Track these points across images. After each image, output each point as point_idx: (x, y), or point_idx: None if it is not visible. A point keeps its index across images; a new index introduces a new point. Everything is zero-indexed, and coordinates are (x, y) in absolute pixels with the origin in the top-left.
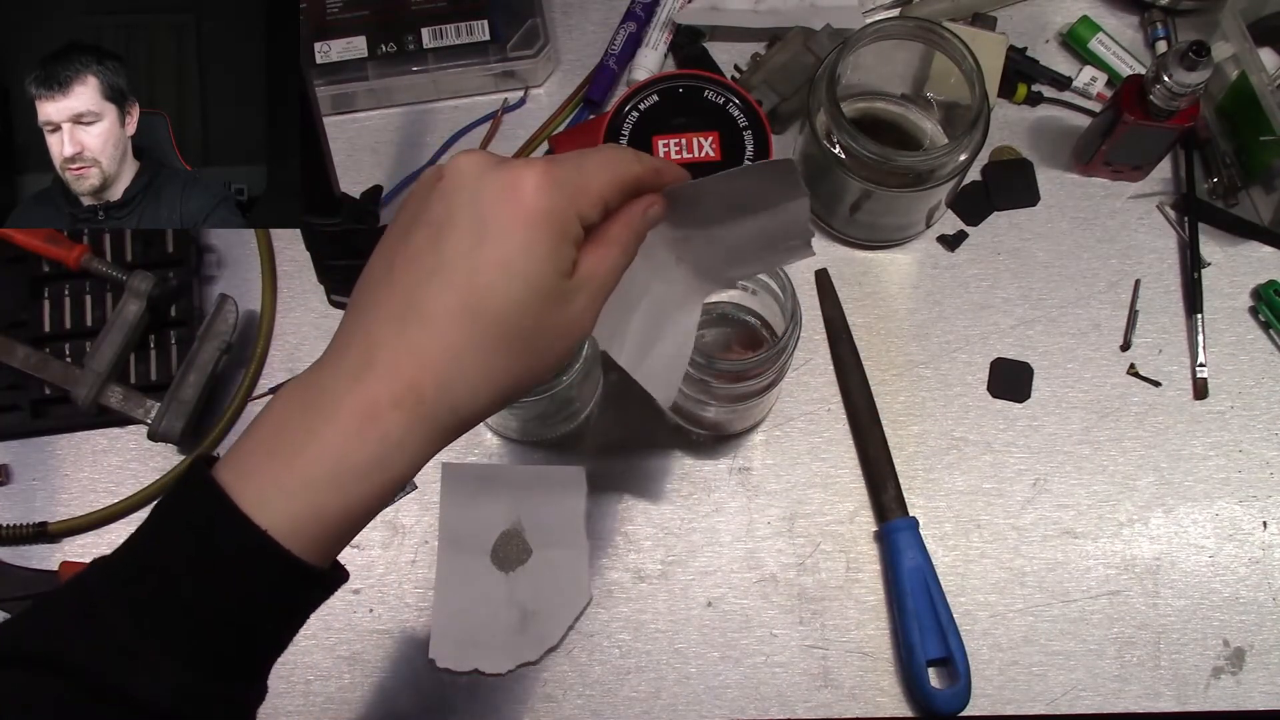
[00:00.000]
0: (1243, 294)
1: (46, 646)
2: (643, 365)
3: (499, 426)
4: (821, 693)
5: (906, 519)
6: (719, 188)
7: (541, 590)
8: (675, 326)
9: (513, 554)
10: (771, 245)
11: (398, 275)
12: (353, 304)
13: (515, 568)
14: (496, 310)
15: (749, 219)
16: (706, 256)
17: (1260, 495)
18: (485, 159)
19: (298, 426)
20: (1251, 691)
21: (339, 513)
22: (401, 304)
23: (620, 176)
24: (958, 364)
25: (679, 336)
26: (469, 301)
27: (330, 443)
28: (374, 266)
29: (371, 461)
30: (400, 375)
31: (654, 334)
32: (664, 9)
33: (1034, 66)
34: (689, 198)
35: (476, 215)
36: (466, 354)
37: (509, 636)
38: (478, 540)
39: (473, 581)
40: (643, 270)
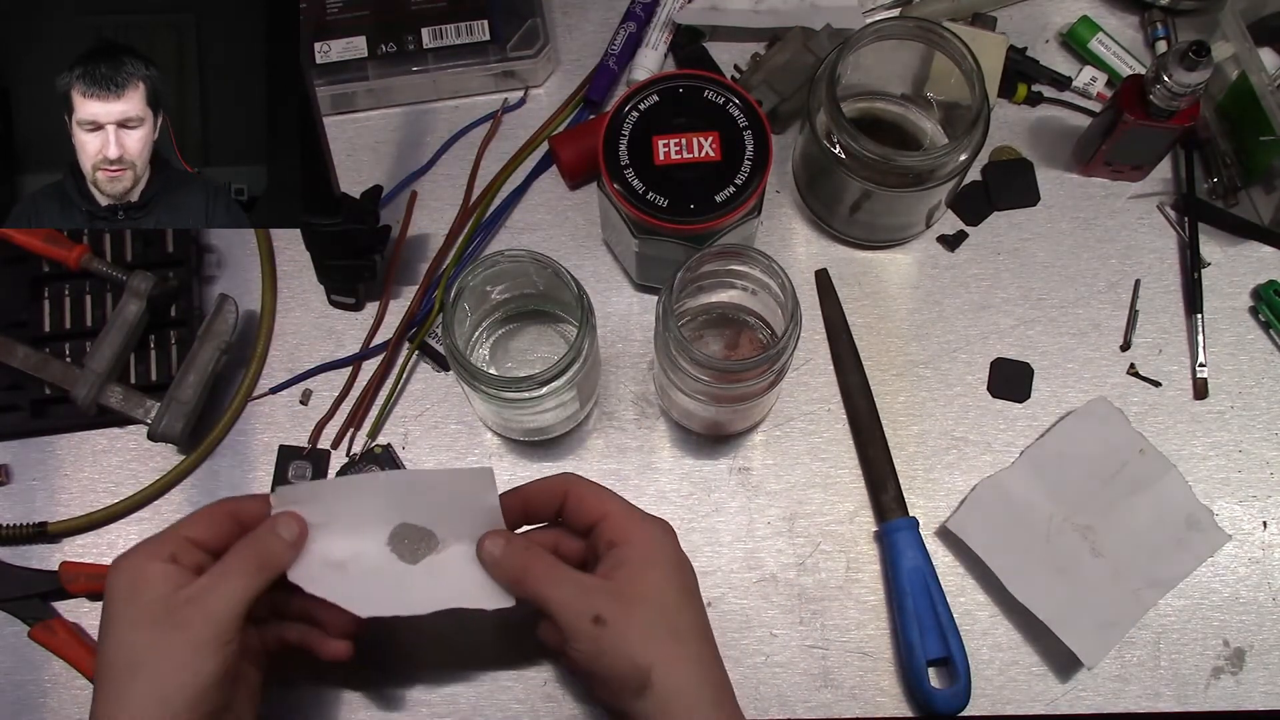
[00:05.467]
0: (1243, 294)
1: None
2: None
3: (499, 427)
4: (821, 693)
5: (906, 519)
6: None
7: (457, 582)
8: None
9: (416, 545)
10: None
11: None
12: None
13: (422, 557)
14: (110, 643)
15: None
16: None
17: (1260, 495)
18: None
19: None
20: (1251, 691)
21: None
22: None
23: (206, 514)
24: (958, 364)
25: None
26: (99, 652)
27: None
28: None
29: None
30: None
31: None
32: (664, 9)
33: (1034, 66)
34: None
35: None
36: (106, 690)
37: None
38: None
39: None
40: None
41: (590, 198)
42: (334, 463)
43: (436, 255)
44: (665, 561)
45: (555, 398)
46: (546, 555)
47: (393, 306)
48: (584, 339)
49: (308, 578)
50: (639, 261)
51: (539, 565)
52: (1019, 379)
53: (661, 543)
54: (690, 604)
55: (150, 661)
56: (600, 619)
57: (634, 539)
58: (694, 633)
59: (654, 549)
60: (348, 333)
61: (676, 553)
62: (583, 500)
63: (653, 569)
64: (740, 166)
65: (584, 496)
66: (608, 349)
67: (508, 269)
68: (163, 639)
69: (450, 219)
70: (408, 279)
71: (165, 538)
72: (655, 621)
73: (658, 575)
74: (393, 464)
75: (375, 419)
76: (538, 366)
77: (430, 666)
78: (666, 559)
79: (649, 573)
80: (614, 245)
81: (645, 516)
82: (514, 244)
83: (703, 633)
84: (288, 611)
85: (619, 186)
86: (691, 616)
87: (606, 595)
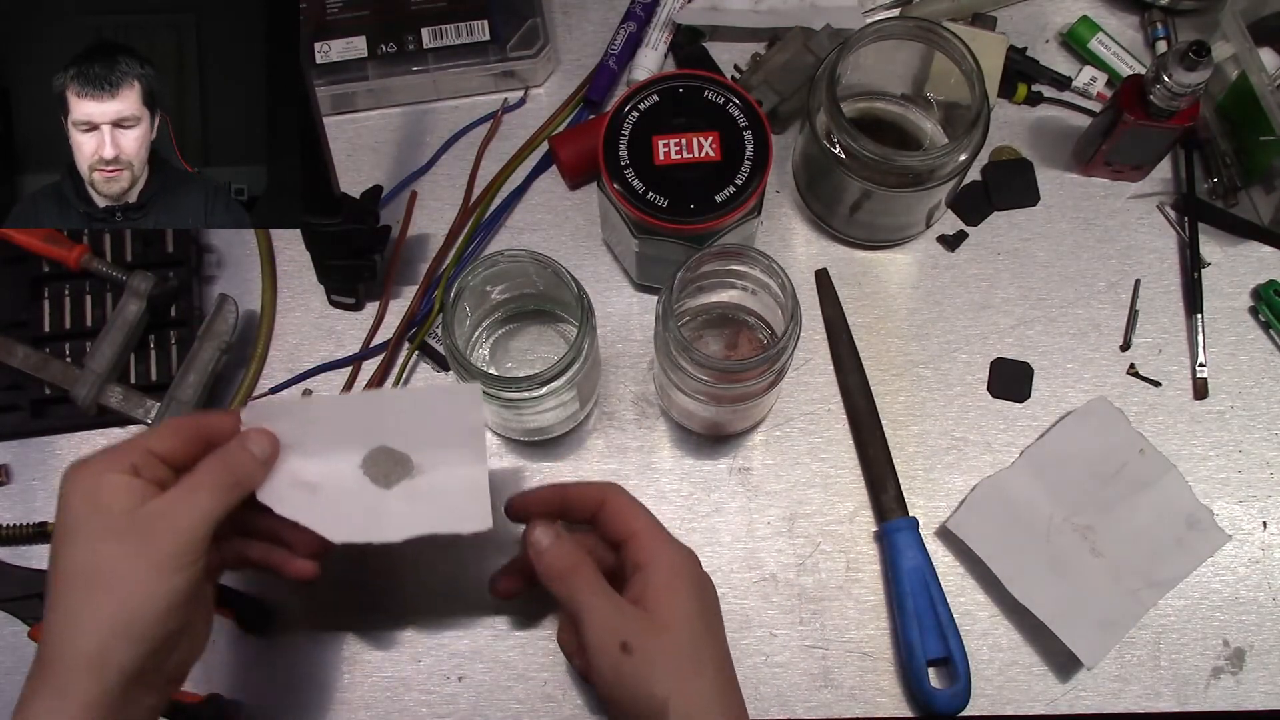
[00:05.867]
0: (1243, 294)
1: None
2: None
3: (499, 427)
4: (821, 693)
5: (906, 519)
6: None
7: (433, 506)
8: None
9: (390, 468)
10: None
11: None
12: None
13: (396, 482)
14: (68, 555)
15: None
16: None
17: (1260, 495)
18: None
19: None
20: (1251, 691)
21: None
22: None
23: (171, 427)
24: (958, 364)
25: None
26: (54, 562)
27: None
28: None
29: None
30: (38, 658)
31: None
32: (664, 9)
33: (1034, 66)
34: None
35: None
36: (63, 603)
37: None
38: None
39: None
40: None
41: (590, 198)
42: None
43: (436, 255)
44: (689, 588)
45: (555, 398)
46: (592, 564)
47: (393, 306)
48: (584, 339)
49: (277, 498)
50: (639, 261)
51: (585, 571)
52: (1019, 379)
53: (685, 568)
54: (711, 632)
55: (112, 577)
56: (627, 646)
57: (659, 562)
58: (714, 663)
59: (678, 575)
60: (348, 333)
61: (700, 577)
62: (617, 514)
63: (677, 596)
64: (740, 166)
65: (619, 511)
66: (608, 349)
67: (508, 269)
68: (127, 554)
69: (450, 219)
70: (408, 279)
71: (127, 448)
72: (677, 653)
73: (682, 602)
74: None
75: None
76: (538, 366)
77: (430, 666)
78: (690, 585)
79: (674, 600)
80: (614, 245)
81: (670, 540)
82: (514, 244)
83: (722, 662)
84: (252, 529)
85: (619, 186)
86: (712, 646)
87: (636, 623)
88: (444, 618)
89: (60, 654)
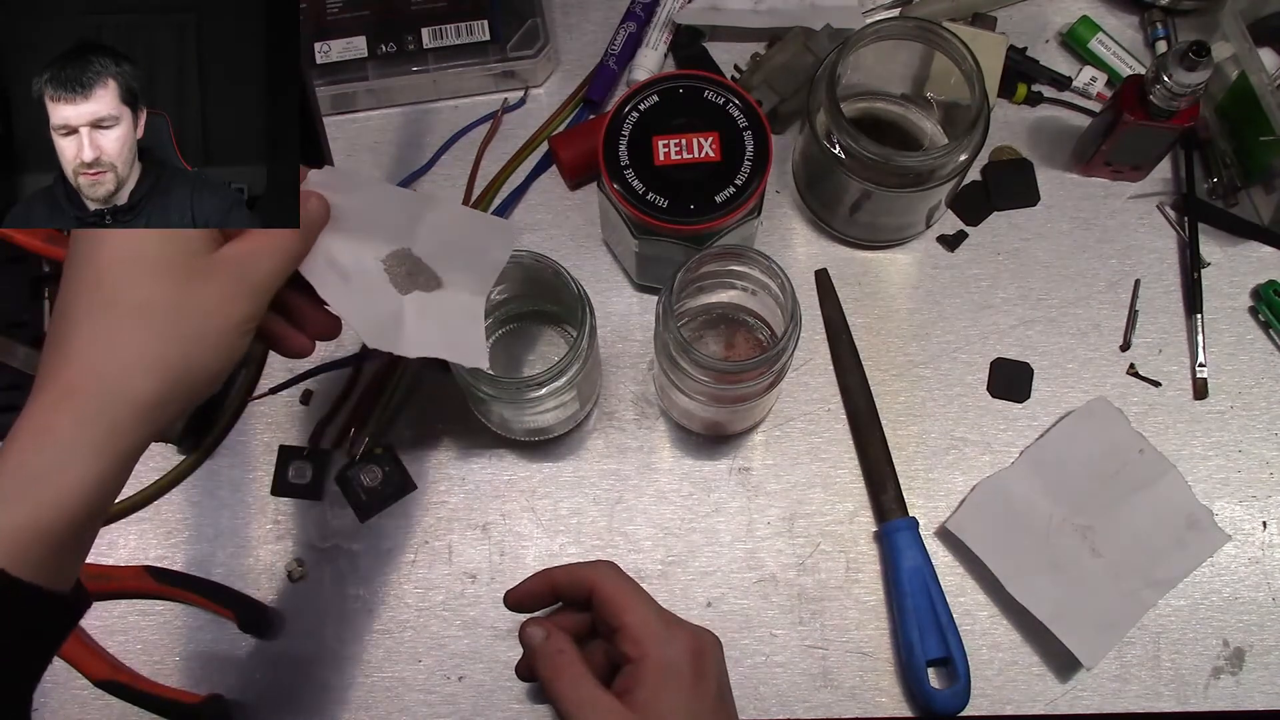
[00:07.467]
0: (1243, 294)
1: None
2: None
3: (499, 427)
4: (821, 693)
5: (906, 519)
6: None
7: (437, 328)
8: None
9: (411, 273)
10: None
11: (59, 305)
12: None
13: (410, 290)
14: (126, 293)
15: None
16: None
17: (1260, 495)
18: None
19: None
20: (1251, 691)
21: (30, 523)
22: (57, 325)
23: None
24: (958, 364)
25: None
26: (101, 293)
27: (10, 458)
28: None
29: (49, 464)
30: (58, 380)
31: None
32: (664, 9)
33: (1034, 66)
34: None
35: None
36: (107, 339)
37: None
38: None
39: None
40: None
41: (590, 198)
42: (335, 463)
43: None
44: (677, 689)
45: (555, 398)
46: (578, 664)
47: None
48: (584, 339)
49: (318, 276)
50: (639, 261)
51: (568, 675)
52: (1019, 379)
53: (675, 666)
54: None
55: (180, 319)
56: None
57: (647, 661)
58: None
59: (665, 674)
60: (348, 333)
61: (696, 670)
62: (604, 605)
63: (661, 695)
64: (740, 167)
65: (606, 601)
66: (608, 349)
67: (508, 269)
68: (207, 295)
69: None
70: None
71: None
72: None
73: (668, 701)
74: (395, 465)
75: (376, 419)
76: (538, 366)
77: (430, 666)
78: (679, 685)
79: (658, 700)
80: (614, 245)
81: (660, 634)
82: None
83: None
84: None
85: (619, 186)
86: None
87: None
88: (444, 618)
89: (99, 389)
